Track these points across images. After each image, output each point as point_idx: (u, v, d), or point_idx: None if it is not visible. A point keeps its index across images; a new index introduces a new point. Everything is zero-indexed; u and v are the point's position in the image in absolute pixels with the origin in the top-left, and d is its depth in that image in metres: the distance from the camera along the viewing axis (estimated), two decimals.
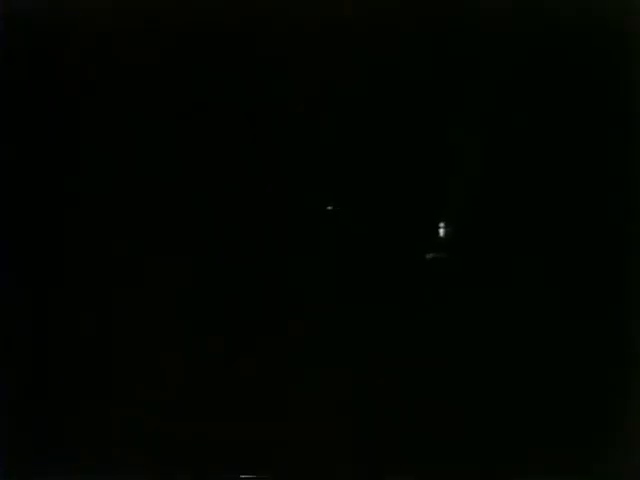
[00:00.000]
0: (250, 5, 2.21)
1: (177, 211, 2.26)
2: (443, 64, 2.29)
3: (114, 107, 2.26)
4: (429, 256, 2.31)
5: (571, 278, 2.24)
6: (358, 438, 2.15)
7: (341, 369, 2.21)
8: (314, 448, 2.13)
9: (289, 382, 2.19)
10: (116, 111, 2.26)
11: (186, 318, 2.23)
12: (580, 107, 2.26)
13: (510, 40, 2.25)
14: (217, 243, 2.27)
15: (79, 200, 2.26)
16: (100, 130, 2.27)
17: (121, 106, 2.26)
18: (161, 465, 2.10)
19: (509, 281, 2.26)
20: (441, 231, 2.33)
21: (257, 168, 2.29)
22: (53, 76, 2.23)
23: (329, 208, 2.30)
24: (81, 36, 2.22)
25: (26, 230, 2.21)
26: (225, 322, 2.24)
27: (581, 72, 2.25)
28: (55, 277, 2.23)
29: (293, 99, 2.28)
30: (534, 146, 2.27)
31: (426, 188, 2.34)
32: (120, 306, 2.22)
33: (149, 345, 2.20)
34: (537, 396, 2.18)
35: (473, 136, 2.32)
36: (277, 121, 2.28)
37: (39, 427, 2.14)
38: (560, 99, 2.26)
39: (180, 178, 2.27)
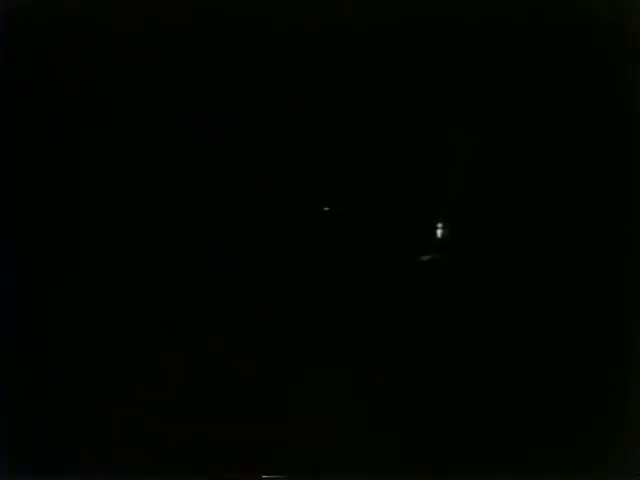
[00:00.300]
0: (250, 5, 2.21)
1: (177, 211, 2.26)
2: (441, 64, 2.29)
3: (114, 107, 2.26)
4: (428, 257, 2.31)
5: (571, 278, 2.25)
6: (357, 438, 2.15)
7: (340, 369, 2.21)
8: (314, 448, 2.13)
9: (288, 382, 2.20)
10: (116, 111, 2.26)
11: (186, 318, 2.24)
12: (580, 107, 2.26)
13: (509, 40, 2.25)
14: (217, 243, 2.27)
15: (79, 200, 2.27)
16: (100, 130, 2.27)
17: (121, 106, 2.26)
18: (161, 465, 2.10)
19: (508, 282, 2.26)
20: (441, 232, 2.33)
21: (257, 168, 2.30)
22: (53, 76, 2.23)
23: (326, 209, 2.31)
24: (81, 36, 2.22)
25: (26, 230, 2.21)
26: (225, 322, 2.24)
27: (581, 72, 2.25)
28: (55, 277, 2.23)
29: (292, 99, 2.29)
30: (533, 146, 2.28)
31: (425, 189, 2.34)
32: (120, 306, 2.23)
33: (149, 345, 2.21)
34: (537, 396, 2.19)
35: (472, 137, 2.32)
36: (276, 121, 2.29)
37: (39, 427, 2.14)
38: (559, 99, 2.27)
39: (180, 178, 2.27)
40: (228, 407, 2.17)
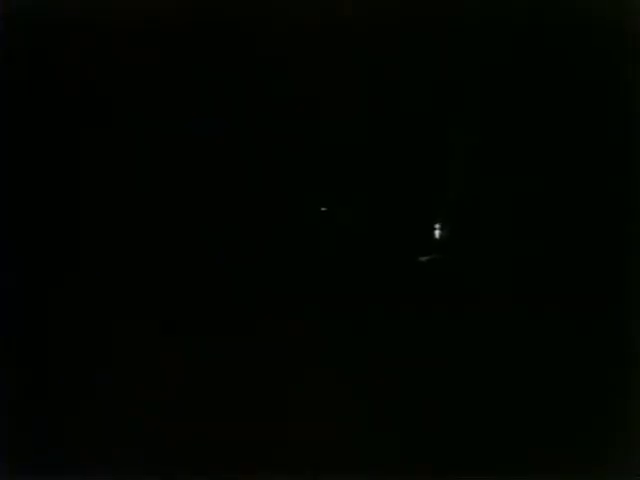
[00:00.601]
0: (250, 5, 2.21)
1: (177, 211, 2.27)
2: (441, 65, 2.29)
3: (114, 106, 2.26)
4: (427, 257, 2.31)
5: (570, 278, 2.25)
6: (357, 439, 2.15)
7: (340, 369, 2.21)
8: (314, 448, 2.13)
9: (288, 382, 2.20)
10: (116, 110, 2.26)
11: (185, 318, 2.24)
12: (579, 107, 2.26)
13: (509, 40, 2.25)
14: (217, 243, 2.28)
15: (79, 199, 2.27)
16: (100, 130, 2.27)
17: (121, 106, 2.26)
18: (161, 465, 2.10)
19: (508, 282, 2.26)
20: (440, 232, 2.33)
21: (257, 169, 2.30)
22: (53, 76, 2.23)
23: (325, 209, 2.31)
24: (81, 36, 2.22)
25: (26, 230, 2.21)
26: (224, 322, 2.24)
27: (580, 72, 2.25)
28: (55, 278, 2.23)
29: (293, 99, 2.29)
30: (533, 146, 2.28)
31: (424, 189, 2.34)
32: (120, 306, 2.23)
33: (149, 345, 2.21)
34: (537, 396, 2.19)
35: (472, 137, 2.32)
36: (276, 121, 2.29)
37: (39, 427, 2.14)
38: (559, 99, 2.27)
39: (180, 179, 2.27)
40: (228, 407, 2.17)
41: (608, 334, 2.20)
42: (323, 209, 2.31)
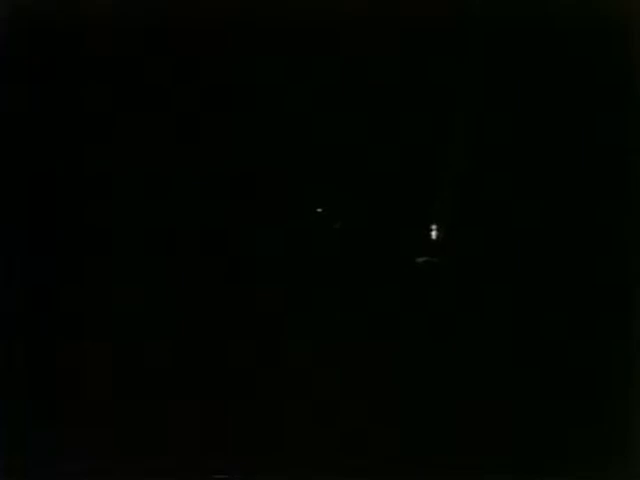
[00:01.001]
0: (250, 4, 2.22)
1: (178, 209, 2.28)
2: (441, 65, 2.30)
3: (115, 107, 2.27)
4: (423, 259, 2.32)
5: (571, 278, 2.25)
6: (357, 438, 2.15)
7: (339, 369, 2.22)
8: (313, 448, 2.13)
9: (287, 382, 2.20)
10: (116, 111, 2.27)
11: (183, 318, 2.24)
12: (579, 107, 2.26)
13: (508, 40, 2.26)
14: (215, 243, 2.29)
15: (79, 201, 2.28)
16: (101, 130, 2.28)
17: (122, 105, 2.27)
18: (159, 465, 2.10)
19: (505, 283, 2.26)
20: (439, 233, 2.33)
21: (256, 169, 2.31)
22: (54, 76, 2.25)
23: (322, 210, 2.32)
24: (81, 36, 2.23)
25: (26, 230, 2.22)
26: (222, 322, 2.25)
27: (581, 71, 2.26)
28: (56, 278, 2.24)
29: (291, 99, 2.30)
30: (533, 147, 2.28)
31: (423, 190, 2.35)
32: (119, 305, 2.24)
33: (146, 345, 2.22)
34: (537, 397, 2.19)
35: (472, 138, 2.33)
36: (275, 122, 2.30)
37: (39, 427, 2.14)
38: (559, 99, 2.27)
39: (179, 178, 2.28)
40: (227, 407, 2.18)
41: (609, 335, 2.19)
42: (319, 210, 2.32)
